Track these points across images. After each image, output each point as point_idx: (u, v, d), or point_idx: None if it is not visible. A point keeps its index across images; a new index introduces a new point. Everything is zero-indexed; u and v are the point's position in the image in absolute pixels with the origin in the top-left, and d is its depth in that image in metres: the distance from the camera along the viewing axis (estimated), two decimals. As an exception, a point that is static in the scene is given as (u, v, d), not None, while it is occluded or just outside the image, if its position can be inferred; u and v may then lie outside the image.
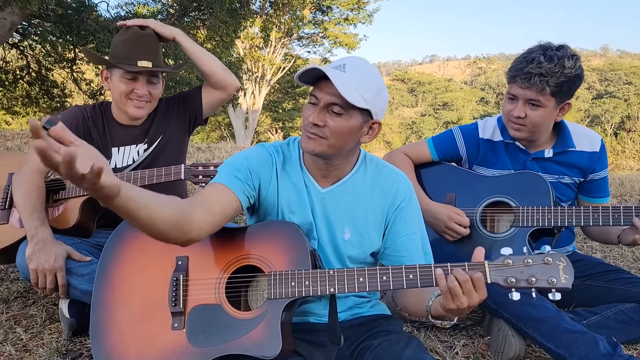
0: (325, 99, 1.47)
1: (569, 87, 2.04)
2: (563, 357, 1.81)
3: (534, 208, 2.09)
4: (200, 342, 1.51)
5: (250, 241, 1.59)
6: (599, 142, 2.24)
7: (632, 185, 5.28)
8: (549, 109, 2.07)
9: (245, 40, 24.38)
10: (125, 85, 2.16)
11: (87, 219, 2.17)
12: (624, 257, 3.11)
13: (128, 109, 2.20)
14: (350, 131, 1.51)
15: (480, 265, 1.35)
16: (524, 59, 2.06)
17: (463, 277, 1.31)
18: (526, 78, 2.02)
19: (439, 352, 2.00)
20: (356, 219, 1.65)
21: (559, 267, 1.32)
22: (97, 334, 1.60)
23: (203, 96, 2.38)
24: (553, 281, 1.31)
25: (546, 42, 2.09)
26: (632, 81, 51.10)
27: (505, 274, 1.33)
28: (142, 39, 2.18)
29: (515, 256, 1.35)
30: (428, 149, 2.36)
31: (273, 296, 1.49)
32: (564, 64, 1.99)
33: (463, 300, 1.31)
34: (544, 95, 2.03)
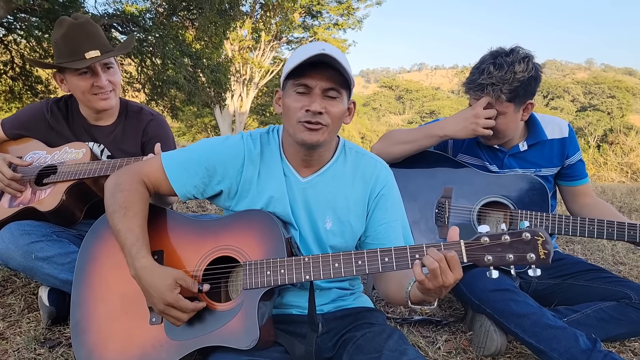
0: (320, 85, 1.46)
1: (524, 89, 2.05)
2: (543, 352, 1.82)
3: (533, 214, 2.10)
4: (179, 335, 1.50)
5: (225, 232, 1.58)
6: (567, 127, 2.29)
7: (613, 193, 5.36)
8: (510, 114, 2.10)
9: (234, 42, 24.33)
10: (84, 81, 2.10)
11: (72, 204, 2.13)
12: (605, 260, 3.15)
13: (95, 104, 2.15)
14: (343, 113, 1.52)
15: (456, 244, 1.35)
16: (476, 70, 2.08)
17: (437, 256, 1.30)
18: (479, 89, 2.06)
19: (422, 347, 2.01)
20: (337, 208, 1.64)
21: (538, 242, 1.31)
22: (77, 332, 1.58)
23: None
24: (532, 257, 1.30)
25: (498, 48, 2.10)
26: (615, 95, 52.00)
27: (482, 252, 1.33)
28: (80, 29, 2.10)
29: (492, 234, 1.34)
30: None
31: (249, 286, 1.48)
32: (515, 70, 2.00)
33: (440, 280, 1.30)
34: (500, 103, 2.06)
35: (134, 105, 2.35)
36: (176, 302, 1.43)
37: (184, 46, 14.35)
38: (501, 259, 1.33)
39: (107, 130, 2.27)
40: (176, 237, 1.63)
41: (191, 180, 1.62)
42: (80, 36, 2.08)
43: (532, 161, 2.27)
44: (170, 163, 1.64)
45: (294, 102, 1.48)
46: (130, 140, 2.28)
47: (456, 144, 2.33)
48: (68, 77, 2.13)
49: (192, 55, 14.56)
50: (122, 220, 1.52)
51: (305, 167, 1.64)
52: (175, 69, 14.12)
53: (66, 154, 2.18)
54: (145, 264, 1.47)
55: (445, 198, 2.19)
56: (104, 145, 2.26)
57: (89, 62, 2.06)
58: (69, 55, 2.08)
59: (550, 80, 63.79)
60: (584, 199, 2.34)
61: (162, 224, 1.65)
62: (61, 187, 2.09)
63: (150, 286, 1.45)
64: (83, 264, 1.66)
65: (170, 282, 1.44)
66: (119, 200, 1.55)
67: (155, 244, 1.57)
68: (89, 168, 2.08)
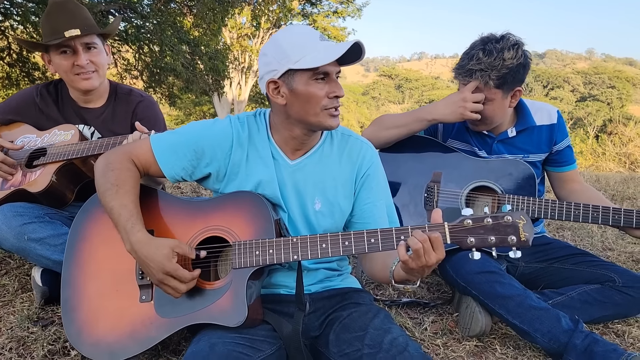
0: (336, 70, 1.53)
1: (513, 76, 2.07)
2: (527, 333, 1.86)
3: (520, 198, 2.14)
4: (168, 312, 1.53)
5: (214, 213, 1.60)
6: (556, 113, 2.31)
7: (607, 181, 5.39)
8: (498, 100, 2.11)
9: (233, 29, 24.20)
10: (66, 60, 2.12)
11: (62, 186, 2.15)
12: (594, 245, 3.18)
13: (78, 84, 2.16)
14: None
15: (440, 226, 1.38)
16: (466, 56, 2.10)
17: (421, 237, 1.33)
18: (467, 75, 2.07)
19: (409, 328, 2.04)
20: (326, 189, 1.67)
21: (519, 225, 1.34)
22: (67, 310, 1.61)
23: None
24: (513, 240, 1.33)
25: (488, 34, 2.12)
26: (615, 85, 51.87)
27: (465, 234, 1.36)
28: (61, 7, 2.10)
29: (475, 216, 1.37)
30: None
31: (238, 265, 1.51)
32: (504, 56, 2.02)
33: (423, 260, 1.34)
34: (488, 89, 2.07)
35: (123, 87, 2.36)
36: (175, 271, 1.46)
37: (182, 33, 14.27)
38: (483, 240, 1.37)
39: (96, 112, 2.28)
40: (167, 217, 1.65)
41: (179, 163, 1.64)
42: (60, 14, 2.09)
43: (520, 147, 2.29)
44: (159, 145, 1.66)
45: (318, 91, 1.51)
46: (120, 121, 2.29)
47: (446, 129, 2.35)
48: (52, 57, 2.15)
49: (190, 42, 14.50)
50: (114, 197, 1.55)
51: (295, 150, 1.67)
52: (173, 55, 14.05)
53: (55, 136, 2.20)
54: (141, 238, 1.49)
55: (434, 182, 2.21)
56: (94, 127, 2.27)
57: (66, 40, 2.06)
58: (50, 34, 2.09)
59: (550, 70, 63.55)
60: (572, 184, 2.36)
61: (153, 204, 1.68)
62: (51, 168, 2.11)
63: (147, 257, 1.47)
64: (74, 242, 1.68)
65: (167, 251, 1.47)
66: (110, 179, 1.58)
67: (146, 224, 1.58)
68: (77, 148, 2.10)
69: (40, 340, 1.79)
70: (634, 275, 2.11)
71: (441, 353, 1.90)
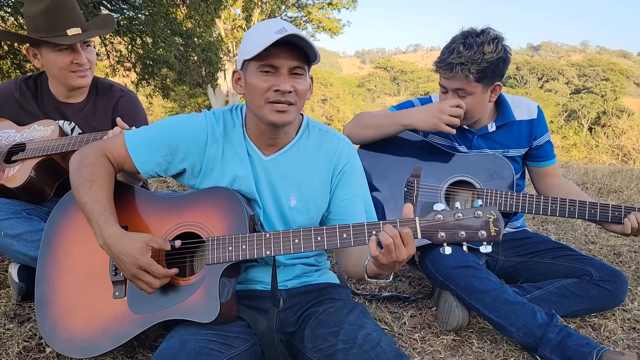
0: (288, 64, 1.46)
1: (493, 70, 2.07)
2: (503, 327, 1.88)
3: (498, 192, 2.14)
4: (141, 309, 1.53)
5: (188, 208, 1.60)
6: (536, 108, 2.32)
7: (594, 174, 5.42)
8: (478, 94, 2.12)
9: (227, 21, 24.05)
10: (64, 58, 2.10)
11: (41, 181, 2.14)
12: (577, 239, 3.20)
13: (72, 81, 2.15)
14: (307, 90, 1.54)
15: (411, 221, 1.38)
16: (447, 49, 2.10)
17: (392, 232, 1.33)
18: (448, 68, 2.07)
19: (388, 322, 2.05)
20: (301, 185, 1.66)
21: (490, 219, 1.34)
22: (42, 305, 1.61)
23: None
24: (483, 234, 1.34)
25: (469, 29, 2.13)
26: (609, 77, 51.99)
27: (436, 229, 1.36)
28: (63, 4, 2.08)
29: (446, 211, 1.37)
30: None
31: (211, 261, 1.50)
32: (484, 50, 2.02)
33: (394, 255, 1.34)
34: (468, 82, 2.07)
35: (104, 82, 2.34)
36: (149, 265, 1.45)
37: (174, 25, 14.16)
38: (454, 235, 1.37)
39: (77, 107, 2.27)
40: (141, 213, 1.65)
41: (153, 158, 1.64)
42: (62, 12, 2.07)
43: (500, 142, 2.30)
44: (133, 140, 1.65)
45: (261, 83, 1.47)
46: (101, 117, 2.28)
47: None
48: (44, 53, 2.12)
49: (183, 34, 14.40)
50: (88, 192, 1.54)
51: (268, 146, 1.66)
52: (165, 47, 13.95)
53: (35, 132, 2.19)
54: (114, 232, 1.49)
55: (414, 177, 2.21)
56: (74, 122, 2.26)
57: (73, 40, 2.06)
58: (48, 30, 2.06)
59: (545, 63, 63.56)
60: (551, 179, 2.37)
61: (127, 200, 1.68)
62: (30, 164, 2.10)
63: (120, 252, 1.46)
64: (49, 237, 1.68)
65: (141, 245, 1.46)
66: (84, 174, 1.57)
67: (120, 220, 1.58)
68: (57, 144, 2.09)
69: (16, 337, 1.79)
70: (610, 269, 2.12)
71: (419, 347, 1.91)
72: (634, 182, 5.08)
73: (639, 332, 2.10)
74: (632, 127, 24.65)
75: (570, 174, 5.44)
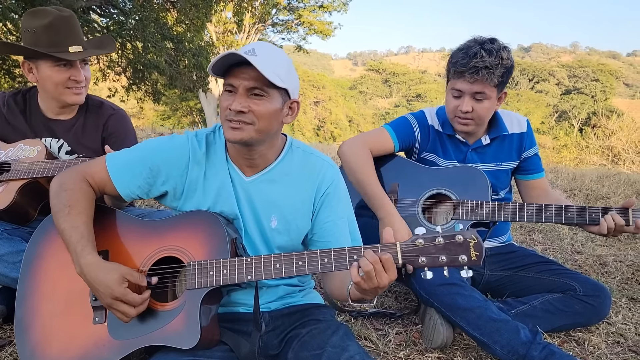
0: (243, 85, 1.47)
1: (507, 77, 2.14)
2: (487, 345, 1.88)
3: (473, 202, 2.16)
4: (121, 335, 1.51)
5: (170, 232, 1.59)
6: (526, 122, 2.36)
7: (582, 180, 5.45)
8: (492, 99, 2.16)
9: (218, 24, 24.02)
10: (61, 74, 2.10)
11: (25, 203, 2.12)
12: (563, 249, 3.22)
13: (66, 98, 2.14)
14: (274, 112, 1.53)
15: (392, 246, 1.38)
16: (466, 55, 2.10)
17: (372, 258, 1.33)
18: (473, 72, 2.08)
19: (373, 340, 2.05)
20: (283, 207, 1.66)
21: (470, 244, 1.34)
22: (21, 329, 1.59)
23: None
24: (464, 259, 1.34)
25: (478, 37, 2.16)
26: (599, 78, 52.41)
27: (416, 254, 1.36)
28: (66, 22, 2.10)
29: (427, 236, 1.37)
30: (390, 137, 2.32)
31: (192, 286, 1.50)
32: (502, 56, 2.08)
33: (375, 281, 1.34)
34: (489, 87, 2.11)
35: (94, 99, 2.33)
36: (124, 295, 1.44)
37: (165, 29, 14.13)
38: (434, 260, 1.37)
39: (67, 124, 2.25)
40: (122, 237, 1.64)
41: (135, 181, 1.63)
42: (65, 29, 2.09)
43: (493, 155, 2.33)
44: (114, 163, 1.64)
45: (222, 102, 1.52)
46: (91, 134, 2.27)
47: (422, 143, 2.35)
48: (42, 67, 2.11)
49: (173, 38, 14.36)
50: (66, 218, 1.53)
51: (249, 167, 1.65)
52: (156, 52, 13.91)
53: (21, 151, 2.17)
54: (91, 261, 1.48)
55: (392, 193, 2.23)
56: (63, 140, 2.24)
57: (75, 57, 2.08)
58: (49, 45, 2.06)
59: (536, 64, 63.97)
60: (539, 192, 2.39)
61: (108, 224, 1.66)
62: (14, 186, 2.08)
63: (95, 282, 1.46)
64: (30, 260, 1.66)
65: (117, 276, 1.45)
66: (63, 199, 1.56)
67: (101, 244, 1.57)
68: (42, 167, 2.07)
69: (-3, 361, 1.77)
70: (594, 284, 2.14)
71: (403, 365, 1.91)
72: (621, 188, 5.12)
73: (622, 346, 2.11)
74: (621, 128, 24.91)
75: (559, 180, 5.47)
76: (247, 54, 1.44)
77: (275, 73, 1.46)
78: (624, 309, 2.43)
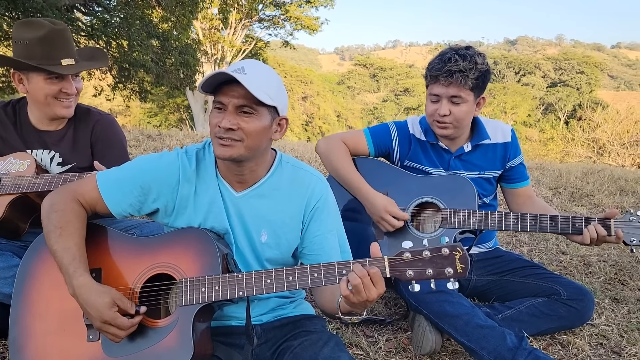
0: (232, 102, 1.50)
1: (483, 81, 2.21)
2: (474, 351, 1.93)
3: (461, 211, 2.20)
4: (115, 352, 1.53)
5: (162, 250, 1.61)
6: (510, 132, 2.41)
7: (567, 177, 5.54)
8: (470, 103, 2.21)
9: (204, 21, 23.87)
10: (52, 86, 2.10)
11: (15, 218, 2.12)
12: (549, 249, 3.29)
13: (56, 110, 2.14)
14: (263, 130, 1.56)
15: (380, 260, 1.42)
16: (441, 60, 2.19)
17: (361, 273, 1.37)
18: (448, 75, 2.15)
19: (363, 347, 2.09)
20: (273, 222, 1.69)
21: (456, 257, 1.39)
22: (15, 350, 1.60)
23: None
24: (449, 272, 1.38)
25: (454, 45, 2.26)
26: (584, 70, 52.92)
27: (404, 267, 1.40)
28: (60, 35, 2.10)
29: (414, 250, 1.41)
30: (365, 140, 2.41)
31: (184, 302, 1.52)
32: (476, 60, 2.15)
33: (363, 295, 1.37)
34: (464, 90, 2.17)
35: (81, 107, 2.33)
36: (113, 320, 1.47)
37: (150, 27, 14.03)
38: (421, 273, 1.41)
39: (57, 135, 2.25)
40: (114, 255, 1.65)
41: (126, 199, 1.64)
42: (59, 42, 2.09)
43: (476, 164, 2.37)
44: (104, 182, 1.65)
45: (212, 119, 1.54)
46: (81, 142, 2.27)
47: (402, 152, 2.40)
48: (33, 79, 2.11)
49: (159, 36, 14.26)
50: (57, 240, 1.54)
51: (238, 183, 1.67)
52: (142, 50, 13.81)
53: (10, 165, 2.16)
54: (83, 282, 1.49)
55: None
56: (55, 151, 2.24)
57: (68, 71, 2.08)
58: (41, 58, 2.06)
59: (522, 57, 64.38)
60: (524, 199, 2.44)
61: (100, 242, 1.68)
62: (3, 201, 2.08)
63: (87, 304, 1.48)
64: (22, 280, 1.67)
65: (108, 300, 1.47)
66: (54, 221, 1.57)
67: (94, 262, 1.59)
68: (32, 182, 2.07)
69: (-9, 378, 1.78)
70: (577, 287, 2.20)
71: (393, 372, 1.95)
72: (605, 185, 5.21)
73: (605, 347, 2.18)
74: (606, 120, 25.20)
75: (544, 177, 5.55)
76: (236, 72, 1.46)
77: (264, 91, 1.49)
78: (607, 309, 2.50)
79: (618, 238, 2.07)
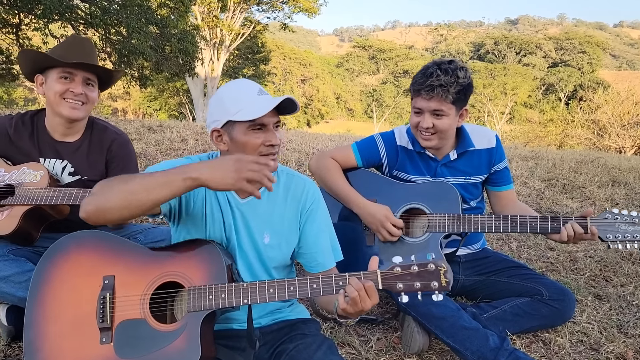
0: (272, 121, 1.70)
1: (464, 94, 2.30)
2: (459, 351, 2.06)
3: (446, 215, 2.32)
4: (127, 354, 1.66)
5: (171, 259, 1.74)
6: (494, 137, 2.51)
7: (561, 167, 5.63)
8: (452, 116, 2.32)
9: (203, 4, 23.70)
10: (61, 84, 2.20)
11: (28, 227, 2.23)
12: (537, 245, 3.41)
13: (63, 110, 2.23)
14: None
15: (373, 274, 1.57)
16: (423, 75, 2.30)
17: (357, 286, 1.52)
18: (429, 90, 2.26)
19: (355, 346, 2.22)
20: (274, 224, 1.84)
21: (440, 272, 1.53)
22: (30, 352, 1.72)
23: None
24: (435, 285, 1.53)
25: (438, 59, 2.36)
26: (586, 50, 52.54)
27: (394, 280, 1.55)
28: (79, 42, 2.25)
29: (403, 264, 1.56)
30: (354, 155, 2.54)
31: (193, 309, 1.65)
32: (458, 75, 2.25)
33: (359, 306, 1.53)
34: (446, 104, 2.27)
35: (99, 123, 2.44)
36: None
37: (149, 14, 13.97)
38: (410, 286, 1.55)
39: (72, 146, 2.35)
40: (127, 263, 1.76)
41: None
42: (77, 46, 2.24)
43: (462, 169, 2.47)
44: None
45: (253, 140, 1.68)
46: (95, 156, 2.37)
47: (390, 162, 2.52)
48: (50, 78, 2.22)
49: (157, 22, 14.21)
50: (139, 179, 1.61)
51: (244, 191, 1.80)
52: (141, 37, 13.77)
53: (24, 175, 2.26)
54: None
55: None
56: (67, 161, 2.33)
57: (74, 64, 2.19)
58: (59, 56, 2.18)
59: (523, 37, 63.77)
60: (507, 202, 2.55)
61: (114, 250, 1.79)
62: (18, 211, 2.18)
63: None
64: (37, 285, 1.78)
65: None
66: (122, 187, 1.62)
67: (108, 269, 1.71)
68: (46, 194, 2.17)
69: (8, 380, 1.91)
70: (559, 288, 2.32)
71: (384, 370, 2.09)
72: (597, 176, 5.31)
73: (585, 344, 2.31)
74: (607, 102, 25.13)
75: (539, 168, 5.65)
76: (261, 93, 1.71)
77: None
78: (590, 307, 2.63)
79: (593, 235, 2.19)
